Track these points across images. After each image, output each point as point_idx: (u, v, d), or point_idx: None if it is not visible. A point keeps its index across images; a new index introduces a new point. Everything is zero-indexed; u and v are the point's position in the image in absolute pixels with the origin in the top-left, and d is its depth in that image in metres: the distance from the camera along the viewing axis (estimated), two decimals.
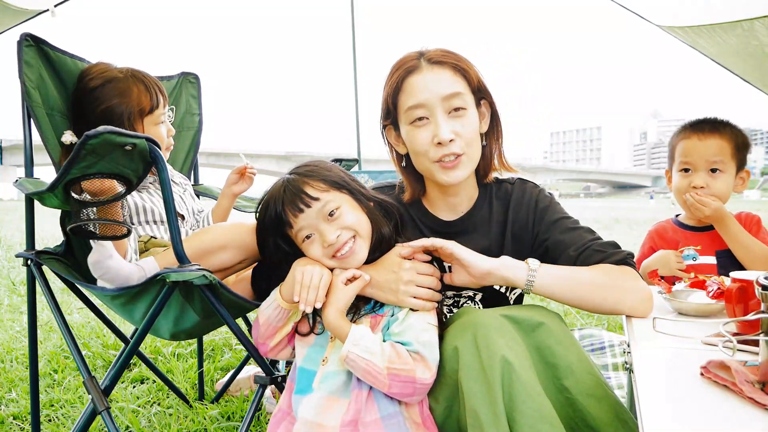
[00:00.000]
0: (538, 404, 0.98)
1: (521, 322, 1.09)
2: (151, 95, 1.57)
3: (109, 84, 1.53)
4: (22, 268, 1.52)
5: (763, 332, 0.83)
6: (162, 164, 1.17)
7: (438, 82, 1.25)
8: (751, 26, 2.23)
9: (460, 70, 1.27)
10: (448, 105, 1.25)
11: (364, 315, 1.17)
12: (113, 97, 1.52)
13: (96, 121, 1.47)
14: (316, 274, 1.13)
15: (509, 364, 1.00)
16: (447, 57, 1.27)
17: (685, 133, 1.77)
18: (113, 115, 1.51)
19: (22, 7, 2.48)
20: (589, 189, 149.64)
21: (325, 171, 1.20)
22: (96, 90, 1.53)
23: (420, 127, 1.26)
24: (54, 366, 2.32)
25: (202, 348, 2.21)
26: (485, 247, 1.34)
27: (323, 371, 1.13)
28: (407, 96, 1.27)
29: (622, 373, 2.14)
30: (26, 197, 1.41)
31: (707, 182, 1.71)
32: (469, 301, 1.39)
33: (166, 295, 1.19)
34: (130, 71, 1.58)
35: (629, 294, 1.19)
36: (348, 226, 1.16)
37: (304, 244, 1.18)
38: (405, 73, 1.27)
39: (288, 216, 1.15)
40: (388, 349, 1.08)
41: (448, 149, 1.24)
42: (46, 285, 1.44)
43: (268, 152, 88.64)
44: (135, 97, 1.54)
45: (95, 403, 1.25)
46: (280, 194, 1.16)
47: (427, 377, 1.07)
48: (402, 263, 1.16)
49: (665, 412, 0.80)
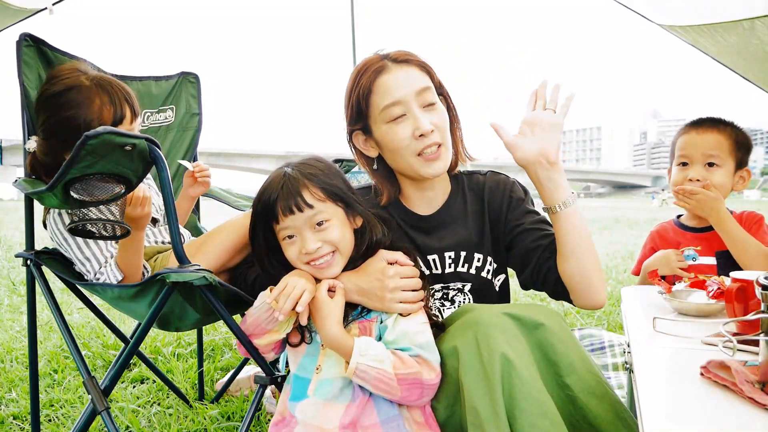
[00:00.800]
0: (539, 401, 0.98)
1: (523, 321, 1.09)
2: (115, 108, 1.45)
3: (69, 92, 1.42)
4: (22, 268, 1.51)
5: (763, 332, 0.83)
6: (162, 164, 1.17)
7: (409, 79, 1.29)
8: (752, 25, 2.23)
9: (424, 67, 1.33)
10: (422, 99, 1.29)
11: (352, 321, 1.17)
12: (72, 107, 1.41)
13: (54, 129, 1.42)
14: (299, 286, 1.13)
15: (509, 361, 1.00)
16: (411, 56, 1.32)
17: (686, 129, 1.79)
18: (70, 125, 1.39)
19: (21, 6, 2.47)
20: (589, 189, 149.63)
21: (327, 178, 1.18)
22: (56, 96, 1.42)
23: (399, 123, 1.29)
24: (54, 366, 2.32)
25: (202, 348, 2.21)
26: (466, 237, 1.40)
27: (318, 379, 1.14)
28: (381, 96, 1.29)
29: (622, 373, 2.14)
30: (26, 197, 1.41)
31: (704, 175, 1.71)
32: (459, 293, 1.41)
33: (166, 295, 1.19)
34: (97, 79, 1.46)
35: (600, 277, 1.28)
36: (331, 241, 1.16)
37: (284, 242, 1.18)
38: (374, 74, 1.29)
39: (278, 212, 1.14)
40: (391, 357, 1.08)
41: (429, 140, 1.28)
42: (46, 285, 1.44)
43: (268, 152, 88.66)
44: (96, 108, 1.42)
45: (95, 403, 1.25)
46: (276, 188, 1.15)
47: (433, 377, 1.08)
48: (386, 270, 1.16)
49: (665, 412, 0.80)
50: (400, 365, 1.07)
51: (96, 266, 1.40)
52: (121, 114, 1.47)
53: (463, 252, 1.39)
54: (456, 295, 1.41)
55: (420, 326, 1.14)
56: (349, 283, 1.18)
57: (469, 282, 1.40)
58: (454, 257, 1.39)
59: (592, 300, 1.27)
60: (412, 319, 1.14)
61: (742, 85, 2.96)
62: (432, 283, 1.40)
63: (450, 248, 1.39)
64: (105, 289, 1.35)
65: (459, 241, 1.39)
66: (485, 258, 1.41)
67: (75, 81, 1.44)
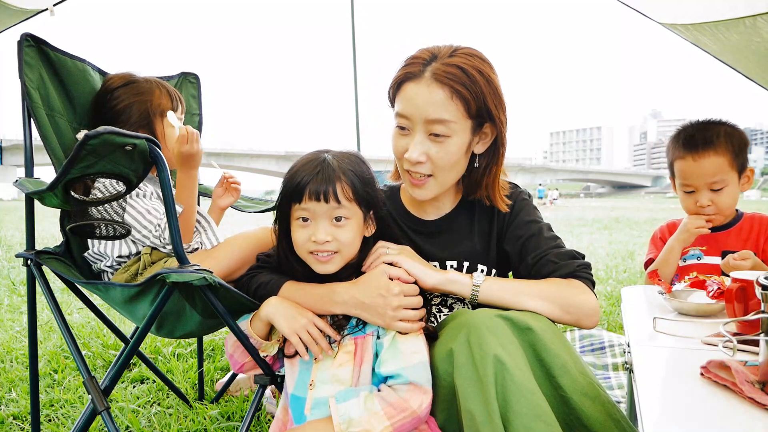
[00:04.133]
0: (533, 403, 0.98)
1: (514, 323, 1.09)
2: (171, 98, 1.60)
3: (131, 84, 1.57)
4: (22, 268, 1.51)
5: (763, 332, 0.83)
6: (162, 164, 1.16)
7: (428, 102, 1.19)
8: (754, 23, 2.22)
9: (460, 95, 1.19)
10: (430, 128, 1.22)
11: (347, 335, 1.16)
12: (134, 95, 1.55)
13: (114, 119, 1.52)
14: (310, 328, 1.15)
15: (502, 363, 1.00)
16: (451, 77, 1.18)
17: (679, 151, 1.73)
18: (132, 112, 1.53)
19: (22, 7, 2.47)
20: (589, 189, 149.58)
21: (361, 181, 1.17)
22: (117, 89, 1.55)
23: (401, 134, 1.27)
24: (54, 366, 2.32)
25: (202, 348, 2.21)
26: (470, 249, 1.36)
27: (312, 396, 1.13)
28: (399, 101, 1.26)
29: (622, 373, 2.14)
30: (26, 197, 1.41)
31: (711, 199, 1.70)
32: (458, 302, 1.39)
33: (166, 295, 1.18)
34: (152, 78, 1.62)
35: (571, 309, 1.18)
36: (340, 240, 1.16)
37: (297, 222, 1.18)
38: (405, 76, 1.24)
39: (304, 194, 1.13)
40: (382, 408, 1.05)
41: (414, 168, 1.25)
42: (46, 285, 1.44)
43: (268, 152, 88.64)
44: (156, 97, 1.57)
45: (95, 403, 1.25)
46: (311, 171, 1.14)
47: (426, 402, 1.07)
48: (390, 287, 1.13)
49: (665, 412, 0.80)
50: (393, 411, 1.04)
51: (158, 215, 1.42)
52: (176, 105, 1.62)
53: (466, 263, 1.37)
54: (455, 303, 1.40)
55: (416, 346, 1.12)
56: (346, 294, 1.16)
57: None
58: (456, 267, 1.36)
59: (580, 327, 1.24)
60: (410, 340, 1.12)
61: (743, 84, 2.96)
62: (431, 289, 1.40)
63: (453, 257, 1.37)
64: (107, 290, 1.35)
65: (462, 251, 1.37)
66: (489, 270, 1.38)
67: (133, 78, 1.59)
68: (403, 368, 1.08)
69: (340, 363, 1.13)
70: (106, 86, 1.59)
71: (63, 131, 1.53)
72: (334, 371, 1.13)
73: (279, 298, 1.22)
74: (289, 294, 1.22)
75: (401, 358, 1.10)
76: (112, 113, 1.54)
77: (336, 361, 1.14)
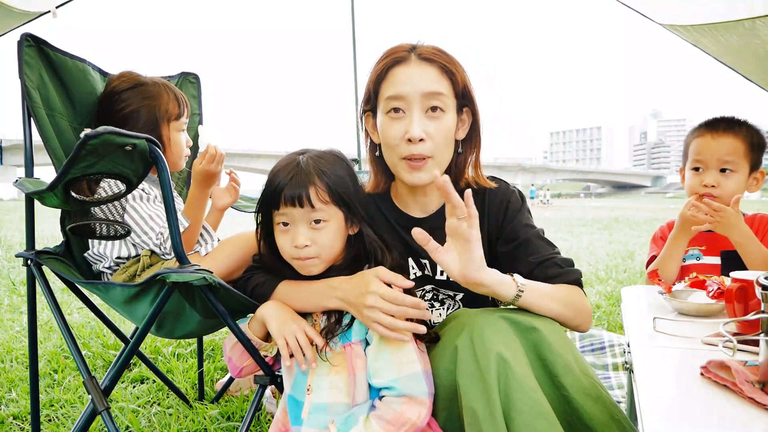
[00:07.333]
0: (535, 401, 0.98)
1: (517, 323, 1.09)
2: (179, 103, 1.59)
3: (139, 87, 1.55)
4: (22, 268, 1.52)
5: (763, 332, 0.83)
6: (162, 164, 1.16)
7: (422, 78, 1.23)
8: (753, 25, 2.23)
9: (448, 71, 1.25)
10: (427, 103, 1.23)
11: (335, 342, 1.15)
12: (143, 99, 1.53)
13: (121, 123, 1.50)
14: (299, 334, 1.13)
15: (505, 361, 1.00)
16: (438, 56, 1.25)
17: (700, 131, 1.74)
18: (140, 116, 1.52)
19: (24, 10, 2.48)
20: (589, 189, 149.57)
21: (338, 179, 1.16)
22: (125, 92, 1.54)
23: (394, 119, 1.25)
24: (54, 366, 2.32)
25: (202, 348, 2.21)
26: None
27: (310, 401, 1.13)
28: (389, 85, 1.25)
29: (622, 373, 2.14)
30: (26, 197, 1.41)
31: (718, 181, 1.68)
32: (449, 299, 1.40)
33: (166, 295, 1.18)
34: (159, 80, 1.60)
35: (578, 314, 1.22)
36: (318, 243, 1.15)
37: (278, 227, 1.18)
38: (392, 62, 1.26)
39: (281, 199, 1.13)
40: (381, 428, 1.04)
41: (416, 148, 1.23)
42: (46, 285, 1.44)
43: (268, 152, 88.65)
44: (164, 101, 1.55)
45: (95, 403, 1.25)
46: (286, 176, 1.14)
47: (423, 412, 1.06)
48: (369, 285, 1.09)
49: (665, 412, 0.80)
50: (393, 429, 1.04)
51: (160, 222, 1.43)
52: (182, 109, 1.60)
53: None
54: (446, 299, 1.40)
55: (410, 356, 1.09)
56: (339, 289, 1.15)
57: (462, 292, 1.39)
58: None
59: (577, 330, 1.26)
60: (404, 349, 1.09)
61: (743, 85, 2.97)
62: (423, 284, 1.39)
63: None
64: (107, 290, 1.35)
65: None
66: None
67: (140, 80, 1.57)
68: (396, 379, 1.07)
69: (337, 370, 1.13)
70: (113, 88, 1.56)
71: (63, 131, 1.53)
72: (331, 378, 1.13)
73: (277, 302, 1.22)
74: (286, 292, 1.22)
75: (394, 369, 1.08)
76: (119, 116, 1.52)
77: (333, 368, 1.14)
